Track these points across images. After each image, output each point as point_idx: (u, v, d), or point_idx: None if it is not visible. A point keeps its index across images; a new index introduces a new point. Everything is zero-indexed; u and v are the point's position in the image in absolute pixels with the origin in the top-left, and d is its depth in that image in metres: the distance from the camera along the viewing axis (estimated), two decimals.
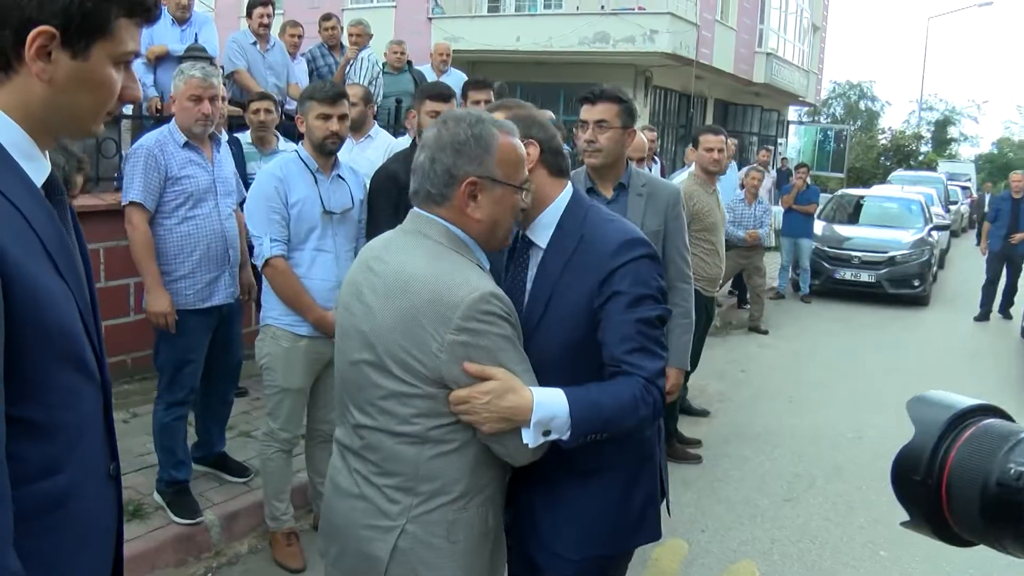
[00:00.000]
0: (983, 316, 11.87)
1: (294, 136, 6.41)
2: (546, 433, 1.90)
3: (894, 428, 7.17)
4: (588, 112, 3.49)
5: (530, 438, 1.89)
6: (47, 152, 1.44)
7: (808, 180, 12.40)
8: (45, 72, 1.33)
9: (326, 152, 3.76)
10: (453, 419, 1.88)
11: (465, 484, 1.93)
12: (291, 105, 7.20)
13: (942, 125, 52.66)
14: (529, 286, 2.15)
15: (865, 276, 12.32)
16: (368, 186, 4.01)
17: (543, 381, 1.97)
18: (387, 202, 3.79)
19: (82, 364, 1.41)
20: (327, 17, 8.38)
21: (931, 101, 52.62)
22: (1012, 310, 11.95)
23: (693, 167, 6.05)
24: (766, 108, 26.92)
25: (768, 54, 22.95)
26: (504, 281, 2.18)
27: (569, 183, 2.22)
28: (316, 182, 3.75)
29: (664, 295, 2.12)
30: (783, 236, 12.18)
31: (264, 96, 5.53)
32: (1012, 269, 11.98)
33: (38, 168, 1.39)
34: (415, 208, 2.00)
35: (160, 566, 3.77)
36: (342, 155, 3.95)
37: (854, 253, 12.19)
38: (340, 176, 3.85)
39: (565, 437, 1.91)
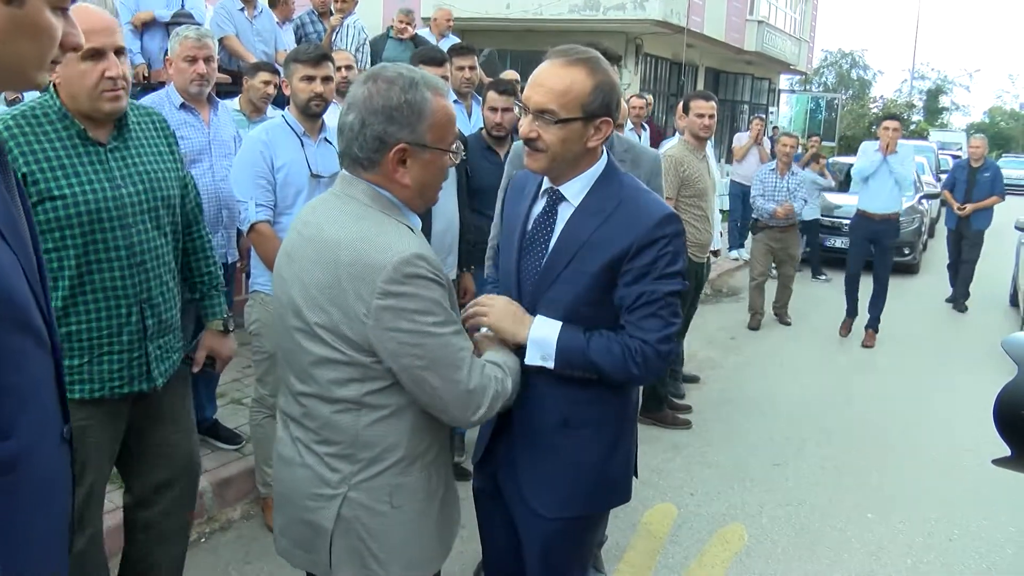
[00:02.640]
0: (954, 297, 10.70)
1: (280, 104, 6.36)
2: (543, 358, 2.15)
3: (883, 393, 7.24)
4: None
5: (529, 357, 2.15)
6: None
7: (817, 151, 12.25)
8: None
9: (311, 114, 3.74)
10: (387, 383, 1.86)
11: (405, 449, 1.92)
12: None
13: (934, 94, 52.62)
14: (555, 239, 2.21)
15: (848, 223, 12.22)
16: None
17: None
18: None
19: (30, 329, 1.37)
20: None
21: (923, 70, 52.71)
22: (970, 302, 10.54)
23: (684, 133, 6.01)
24: (757, 76, 26.80)
25: (760, 22, 22.81)
26: (525, 229, 2.29)
27: (604, 149, 2.27)
28: (303, 146, 3.73)
29: (686, 275, 2.21)
30: None
31: (274, 70, 5.47)
32: (967, 248, 10.49)
33: None
34: (342, 171, 1.96)
35: None
36: (329, 119, 3.92)
37: (844, 221, 12.19)
38: (327, 140, 3.82)
39: (550, 365, 2.15)
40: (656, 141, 9.16)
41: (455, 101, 5.67)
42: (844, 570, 4.05)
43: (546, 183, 2.29)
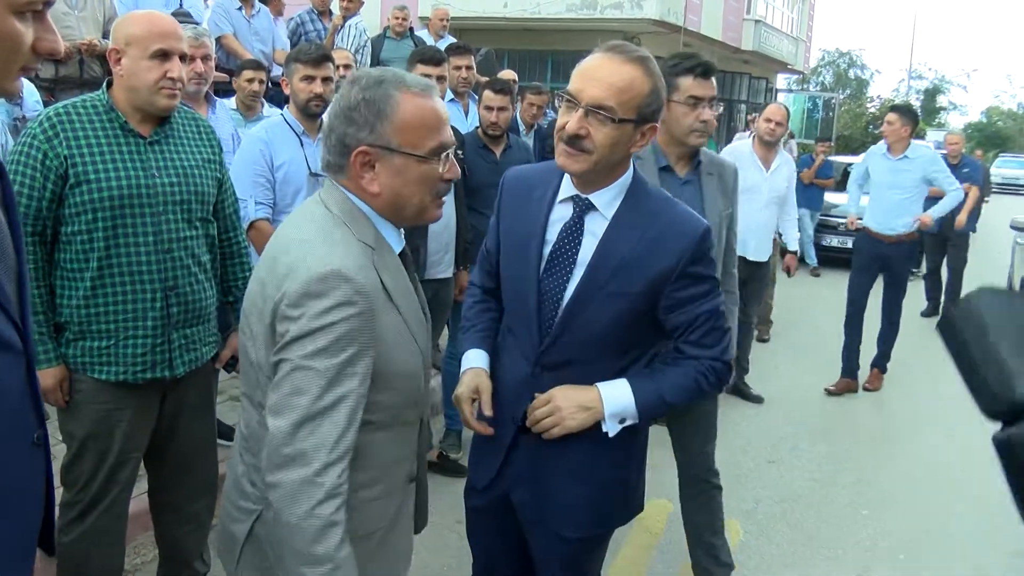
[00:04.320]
0: (931, 310, 9.92)
1: (280, 102, 6.38)
2: (622, 421, 2.10)
3: (881, 391, 7.22)
4: (703, 88, 3.01)
5: (611, 429, 2.09)
6: None
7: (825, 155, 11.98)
8: None
9: (310, 114, 3.77)
10: None
11: None
12: (277, 71, 7.16)
13: (931, 94, 52.66)
14: (588, 255, 2.06)
15: (852, 243, 12.19)
16: None
17: (588, 352, 2.09)
18: None
19: None
20: None
21: (920, 70, 52.76)
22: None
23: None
24: (755, 76, 26.87)
25: (757, 21, 22.90)
26: (544, 238, 2.11)
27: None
28: (302, 144, 3.77)
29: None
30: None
31: (258, 66, 5.51)
32: (953, 254, 9.63)
33: None
34: (327, 177, 1.83)
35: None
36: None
37: (841, 220, 12.21)
38: None
39: (636, 421, 2.11)
40: None
41: (451, 100, 5.71)
42: (839, 566, 4.08)
43: (569, 189, 2.10)
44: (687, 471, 3.57)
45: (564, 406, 2.06)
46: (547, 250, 2.11)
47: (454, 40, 8.43)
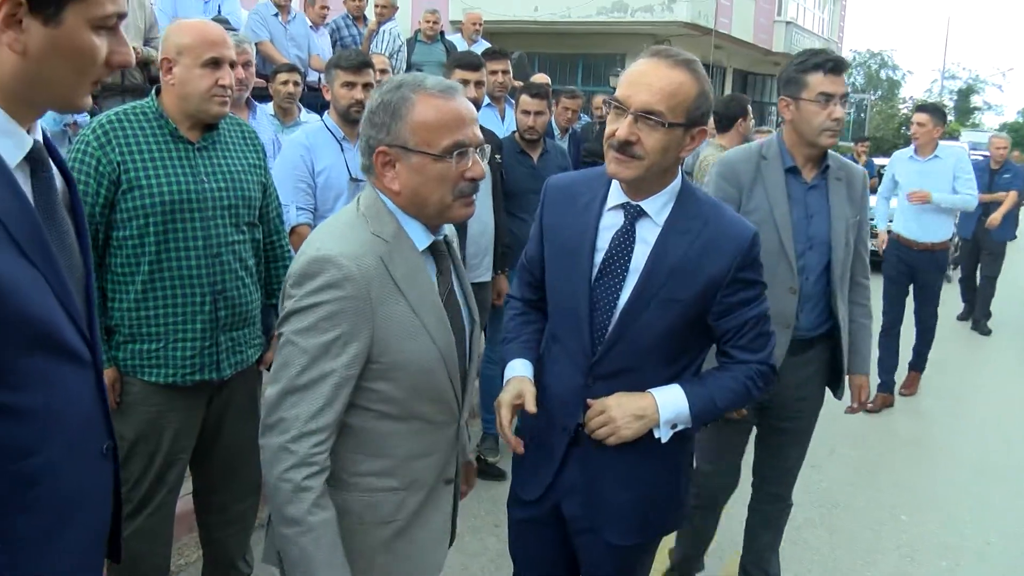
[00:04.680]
0: (966, 314, 9.77)
1: (316, 107, 6.44)
2: (674, 427, 2.09)
3: (914, 398, 7.15)
4: (835, 84, 2.89)
5: (664, 435, 2.08)
6: (36, 125, 1.36)
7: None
8: (17, 42, 1.24)
9: (351, 120, 3.80)
10: None
11: (335, 465, 1.81)
12: (312, 76, 7.23)
13: (965, 94, 52.04)
14: (641, 262, 2.05)
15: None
16: None
17: (641, 360, 2.08)
18: None
19: (60, 347, 1.34)
20: None
21: (954, 70, 52.26)
22: (992, 322, 9.41)
23: (716, 138, 6.00)
24: None
25: (788, 23, 22.79)
26: (595, 247, 2.10)
27: None
28: (342, 150, 3.80)
29: None
30: None
31: (292, 68, 5.60)
32: (987, 261, 9.21)
33: (16, 144, 1.31)
34: None
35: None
36: None
37: (872, 223, 12.05)
38: None
39: (689, 427, 2.11)
40: None
41: (488, 105, 5.73)
42: (878, 571, 4.05)
43: (619, 196, 2.10)
44: (768, 487, 3.47)
45: (618, 415, 2.05)
46: (599, 258, 2.10)
47: (487, 44, 8.49)
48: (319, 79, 7.46)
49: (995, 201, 8.80)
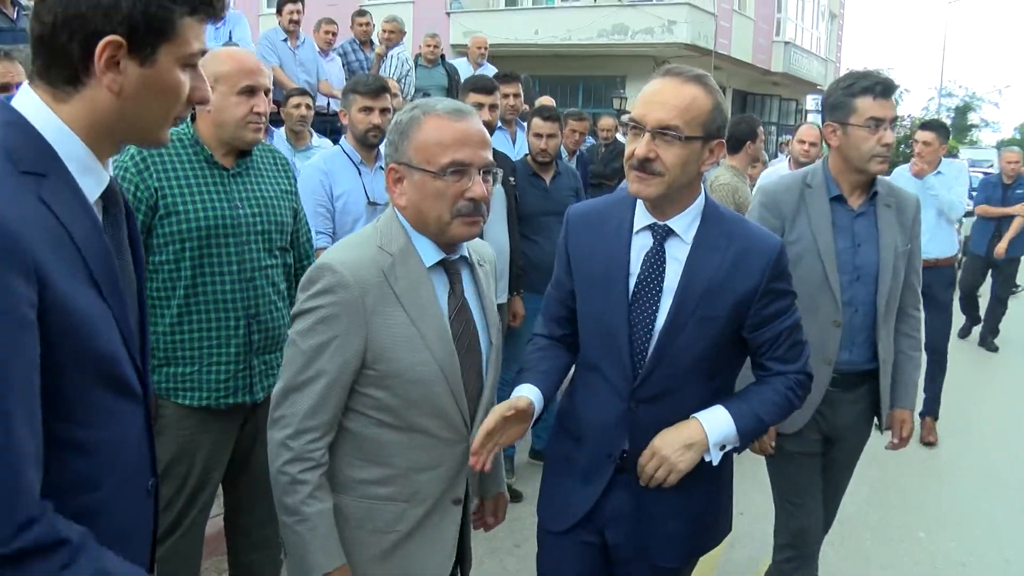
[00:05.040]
0: (966, 330, 9.57)
1: (325, 131, 6.49)
2: (722, 448, 2.08)
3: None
4: (884, 108, 2.79)
5: (715, 457, 2.07)
6: (109, 162, 1.40)
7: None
8: (116, 82, 1.30)
9: (368, 144, 3.84)
10: None
11: (334, 468, 1.94)
12: (321, 101, 7.29)
13: (962, 111, 52.19)
14: (674, 282, 2.07)
15: None
16: None
17: (682, 381, 2.08)
18: None
19: (121, 384, 1.38)
20: (361, 13, 8.60)
21: (950, 87, 52.29)
22: (999, 340, 9.26)
23: (726, 159, 6.02)
24: (784, 97, 26.87)
25: (786, 43, 22.96)
26: (628, 271, 2.11)
27: None
28: (360, 174, 3.84)
29: None
30: None
31: (303, 92, 5.65)
32: (999, 280, 9.00)
33: (96, 181, 1.36)
34: None
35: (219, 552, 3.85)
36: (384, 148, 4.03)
37: None
38: (383, 167, 3.91)
39: (737, 446, 2.11)
40: None
41: (499, 128, 5.78)
42: None
43: (645, 217, 2.12)
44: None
45: (669, 452, 2.03)
46: (632, 281, 2.10)
47: (493, 67, 8.57)
48: (327, 104, 7.54)
49: (1007, 216, 8.66)
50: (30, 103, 1.32)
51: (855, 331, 2.94)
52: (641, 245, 2.11)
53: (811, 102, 31.67)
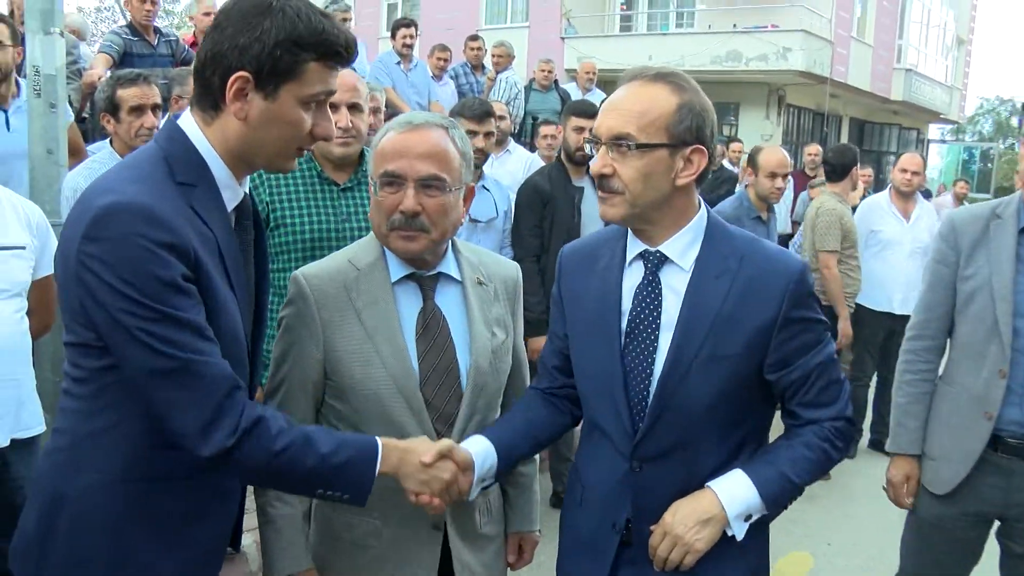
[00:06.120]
0: None
1: None
2: (748, 518, 1.79)
3: None
4: None
5: (739, 531, 1.78)
6: (246, 180, 1.69)
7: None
8: (241, 110, 1.55)
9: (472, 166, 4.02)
10: None
11: None
12: None
13: None
14: (673, 316, 1.77)
15: None
16: (514, 198, 4.27)
17: (693, 433, 1.78)
18: (532, 213, 4.04)
19: (238, 365, 1.61)
20: (474, 38, 8.94)
21: None
22: None
23: (827, 186, 6.04)
24: (905, 127, 26.07)
25: (907, 70, 22.30)
26: (620, 308, 1.82)
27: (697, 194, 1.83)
28: None
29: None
30: None
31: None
32: None
33: (232, 196, 1.64)
34: None
35: None
36: (487, 169, 4.22)
37: None
38: (485, 187, 4.10)
39: (765, 514, 1.81)
40: (800, 188, 9.12)
41: None
42: None
43: (637, 245, 1.82)
44: None
45: (682, 531, 1.74)
46: (625, 321, 1.81)
47: (601, 93, 8.72)
48: None
49: None
50: (189, 124, 1.60)
51: None
52: (634, 278, 1.83)
53: (934, 131, 30.70)
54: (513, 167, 5.85)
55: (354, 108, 2.80)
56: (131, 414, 1.54)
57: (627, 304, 1.81)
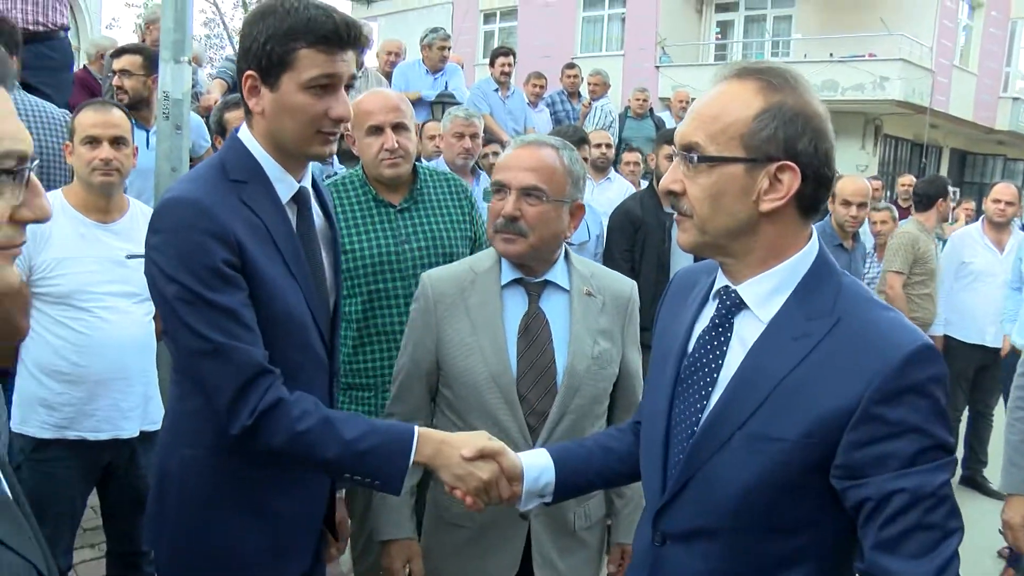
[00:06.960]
0: None
1: None
2: None
3: None
4: None
5: None
6: (307, 172, 1.84)
7: None
8: (257, 105, 1.72)
9: None
10: None
11: None
12: None
13: None
14: (728, 372, 1.43)
15: None
16: (606, 223, 4.43)
17: (723, 522, 1.40)
18: (623, 238, 4.19)
19: (307, 348, 1.76)
20: (570, 66, 9.14)
21: None
22: None
23: (914, 215, 6.09)
24: (1011, 158, 25.24)
25: (1015, 99, 21.61)
26: (685, 350, 1.52)
27: (814, 231, 1.45)
28: None
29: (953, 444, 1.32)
30: None
31: (493, 140, 6.08)
32: None
33: (287, 187, 1.78)
34: None
35: None
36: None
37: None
38: None
39: None
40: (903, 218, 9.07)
41: None
42: None
43: (722, 279, 1.49)
44: None
45: None
46: (684, 363, 1.51)
47: None
48: None
49: None
50: (243, 130, 1.79)
51: None
52: (707, 316, 1.52)
53: None
54: (614, 195, 5.92)
55: (399, 128, 2.79)
56: None
57: (692, 346, 1.51)
